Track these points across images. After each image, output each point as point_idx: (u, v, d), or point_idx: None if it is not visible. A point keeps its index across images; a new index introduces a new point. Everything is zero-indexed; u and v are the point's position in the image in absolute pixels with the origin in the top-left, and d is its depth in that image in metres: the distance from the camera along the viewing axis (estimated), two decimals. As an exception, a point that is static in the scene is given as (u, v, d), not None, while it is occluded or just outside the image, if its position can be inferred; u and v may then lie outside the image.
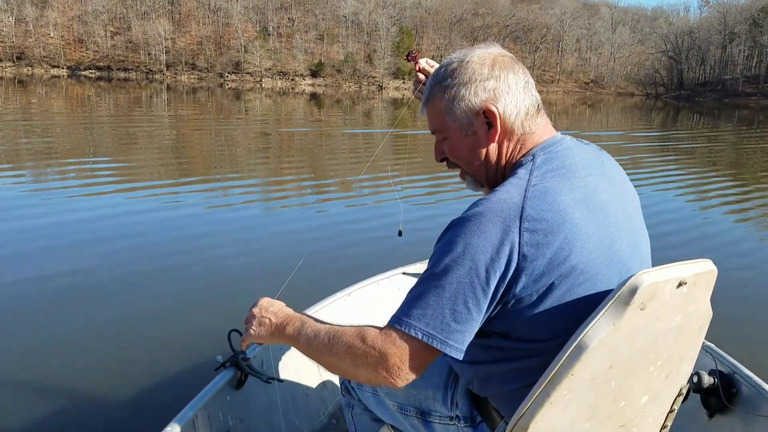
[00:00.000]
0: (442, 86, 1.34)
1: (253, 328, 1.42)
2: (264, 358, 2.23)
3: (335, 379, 2.22)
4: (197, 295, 4.41)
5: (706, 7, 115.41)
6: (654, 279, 1.14)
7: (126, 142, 13.88)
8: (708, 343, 2.15)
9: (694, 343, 1.41)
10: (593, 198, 1.23)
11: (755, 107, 61.59)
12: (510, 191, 1.20)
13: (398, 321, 1.18)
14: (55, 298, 4.24)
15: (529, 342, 1.24)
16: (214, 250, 5.54)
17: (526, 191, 1.19)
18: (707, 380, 1.95)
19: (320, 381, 2.48)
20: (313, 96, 50.36)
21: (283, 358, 2.34)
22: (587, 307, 1.17)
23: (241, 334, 2.00)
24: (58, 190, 7.98)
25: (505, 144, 1.33)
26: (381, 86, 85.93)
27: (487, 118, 1.31)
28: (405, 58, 1.97)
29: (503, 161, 1.34)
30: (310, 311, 2.52)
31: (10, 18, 79.71)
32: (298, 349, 1.36)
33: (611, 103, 62.14)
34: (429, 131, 1.42)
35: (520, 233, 1.14)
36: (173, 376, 3.19)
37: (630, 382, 1.27)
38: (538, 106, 1.36)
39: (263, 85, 75.63)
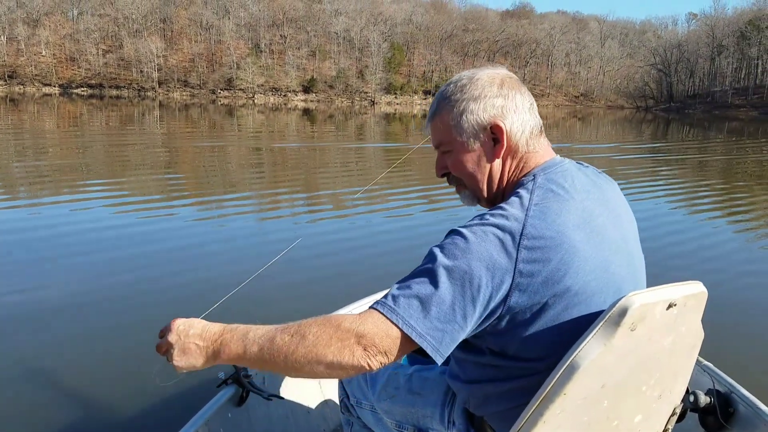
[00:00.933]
0: (451, 101, 1.37)
1: (176, 358, 1.21)
2: (266, 374, 2.25)
3: (336, 397, 2.25)
4: (200, 311, 4.37)
5: (693, 21, 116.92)
6: (644, 300, 1.15)
7: (118, 157, 13.86)
8: (705, 362, 2.16)
9: (687, 363, 1.43)
10: (590, 221, 1.26)
11: (744, 119, 62.14)
12: (513, 208, 1.22)
13: (383, 305, 1.15)
14: (54, 312, 4.23)
15: (524, 361, 1.25)
16: (212, 263, 5.54)
17: (527, 210, 1.21)
18: (704, 399, 1.95)
19: (321, 399, 2.49)
20: (306, 111, 50.49)
21: (285, 375, 2.35)
22: (581, 328, 1.19)
23: None
24: (58, 201, 7.98)
25: (509, 161, 1.38)
26: (373, 101, 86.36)
27: (493, 133, 1.35)
28: None
29: (505, 178, 1.38)
30: None
31: (2, 37, 79.84)
32: (246, 364, 1.22)
33: (601, 116, 62.58)
34: (432, 145, 1.45)
35: (518, 249, 1.16)
36: (174, 392, 3.18)
37: (623, 401, 1.28)
38: (541, 128, 1.40)
39: (256, 101, 75.81)
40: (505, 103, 1.34)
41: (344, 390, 1.85)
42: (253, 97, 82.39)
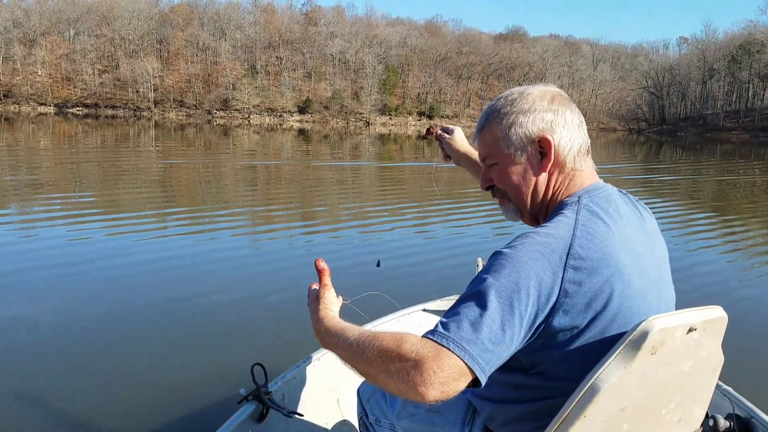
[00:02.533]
0: (500, 114, 1.38)
1: (311, 314, 1.42)
2: (286, 392, 2.26)
3: (355, 415, 2.26)
4: (220, 328, 4.41)
5: (684, 45, 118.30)
6: (664, 324, 1.15)
7: (116, 177, 13.83)
8: (725, 387, 2.16)
9: (707, 387, 1.43)
10: (632, 248, 1.26)
11: (736, 141, 62.62)
12: (558, 228, 1.22)
13: (434, 333, 1.13)
14: (74, 333, 4.24)
15: (552, 380, 1.25)
16: (235, 283, 5.56)
17: (574, 230, 1.21)
18: (723, 424, 1.93)
19: (340, 417, 2.49)
20: (301, 132, 50.69)
21: (305, 392, 2.36)
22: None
23: (263, 368, 2.04)
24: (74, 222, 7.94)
25: (555, 176, 1.37)
26: (368, 122, 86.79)
27: (541, 147, 1.35)
28: (422, 138, 2.34)
29: (550, 194, 1.38)
30: None
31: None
32: (329, 349, 1.34)
33: (594, 138, 60.82)
34: (479, 158, 1.46)
35: (564, 269, 1.15)
36: (196, 408, 3.20)
37: (642, 424, 1.28)
38: (588, 148, 1.41)
39: (251, 121, 76.04)
40: (555, 117, 1.35)
41: (363, 408, 1.84)
42: (249, 117, 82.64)
